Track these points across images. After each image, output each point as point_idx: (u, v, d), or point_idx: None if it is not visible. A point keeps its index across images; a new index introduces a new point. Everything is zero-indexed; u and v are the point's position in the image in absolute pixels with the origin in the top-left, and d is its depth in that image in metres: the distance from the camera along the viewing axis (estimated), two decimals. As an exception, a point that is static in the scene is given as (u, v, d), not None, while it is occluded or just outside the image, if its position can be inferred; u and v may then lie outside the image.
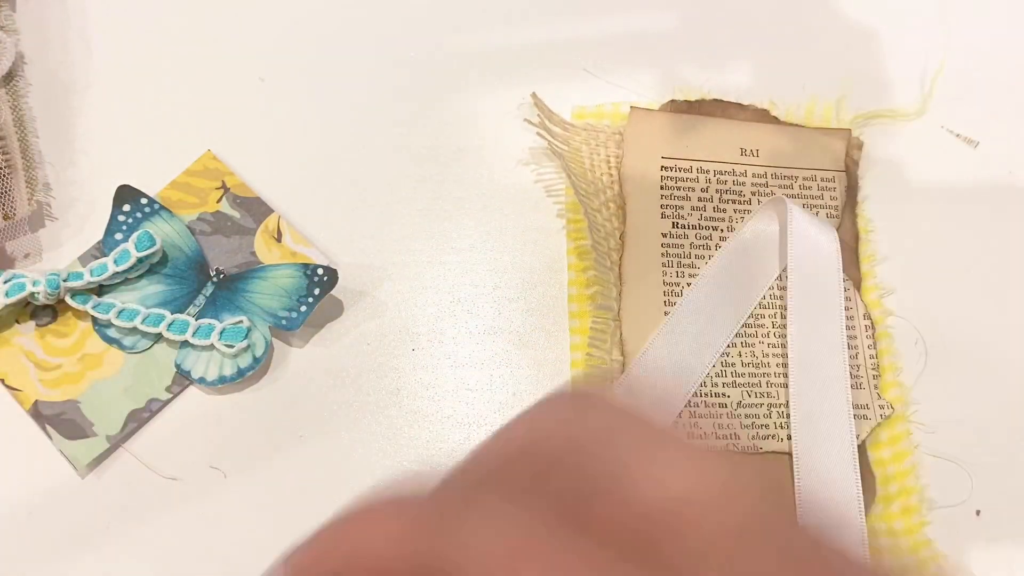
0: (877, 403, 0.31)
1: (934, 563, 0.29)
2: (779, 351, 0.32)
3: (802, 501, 0.29)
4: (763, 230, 0.34)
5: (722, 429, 0.31)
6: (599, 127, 0.36)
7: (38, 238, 0.36)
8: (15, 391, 0.33)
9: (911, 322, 0.33)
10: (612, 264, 0.33)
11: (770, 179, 0.35)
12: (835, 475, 0.29)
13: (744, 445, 0.28)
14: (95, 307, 0.34)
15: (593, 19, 0.40)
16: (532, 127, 0.35)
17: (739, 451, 0.30)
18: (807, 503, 0.29)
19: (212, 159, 0.37)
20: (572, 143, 0.36)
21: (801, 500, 0.29)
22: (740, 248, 0.34)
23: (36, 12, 0.40)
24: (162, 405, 0.33)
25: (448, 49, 0.39)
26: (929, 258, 0.34)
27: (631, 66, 0.38)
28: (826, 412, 0.31)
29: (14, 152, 0.36)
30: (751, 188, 0.34)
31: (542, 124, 0.35)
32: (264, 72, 0.39)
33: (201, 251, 0.35)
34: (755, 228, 0.34)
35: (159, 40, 0.40)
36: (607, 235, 0.34)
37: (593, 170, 0.35)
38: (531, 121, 0.35)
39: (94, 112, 0.39)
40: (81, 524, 0.32)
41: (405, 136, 0.38)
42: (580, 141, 0.36)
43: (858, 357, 0.32)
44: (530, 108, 0.35)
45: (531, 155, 0.37)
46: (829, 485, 0.29)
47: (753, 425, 0.31)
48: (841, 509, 0.29)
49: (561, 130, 0.36)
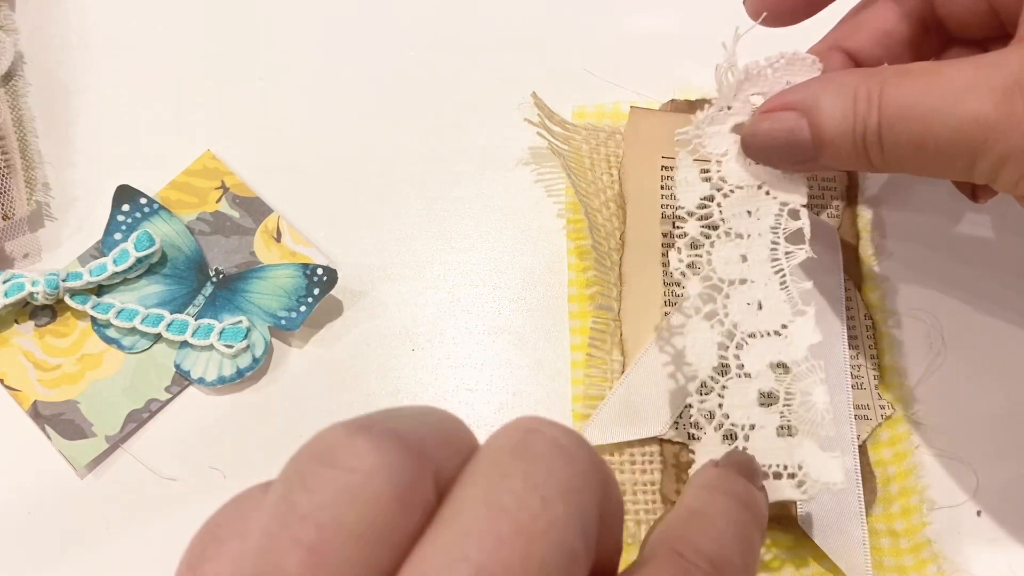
0: (878, 403, 0.31)
1: (934, 563, 0.29)
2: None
3: (802, 503, 0.29)
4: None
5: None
6: (599, 126, 0.36)
7: (37, 238, 0.36)
8: (14, 391, 0.33)
9: (912, 322, 0.33)
10: (612, 264, 0.33)
11: (770, 179, 0.34)
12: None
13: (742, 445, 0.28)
14: (94, 307, 0.34)
15: (593, 19, 0.40)
16: (532, 127, 0.35)
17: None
18: (807, 504, 0.29)
19: (212, 159, 0.37)
20: (572, 142, 0.36)
21: (801, 502, 0.29)
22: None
23: (36, 12, 0.40)
24: (161, 405, 0.33)
25: (448, 48, 0.39)
26: (930, 257, 0.34)
27: (631, 66, 0.38)
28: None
29: (13, 152, 0.36)
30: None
31: (542, 123, 0.35)
32: (264, 72, 0.39)
33: (200, 251, 0.35)
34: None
35: (159, 40, 0.40)
36: (607, 235, 0.34)
37: (593, 169, 0.35)
38: (531, 121, 0.35)
39: (94, 112, 0.39)
40: (80, 524, 0.32)
41: (405, 136, 0.38)
42: (580, 140, 0.36)
43: (859, 357, 0.32)
44: (530, 108, 0.35)
45: (531, 155, 0.37)
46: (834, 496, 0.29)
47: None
48: (842, 509, 0.29)
49: (561, 129, 0.36)
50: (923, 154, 0.24)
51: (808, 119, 0.26)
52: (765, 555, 0.30)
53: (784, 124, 0.26)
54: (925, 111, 0.23)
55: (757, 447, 0.27)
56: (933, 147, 0.24)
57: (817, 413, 0.26)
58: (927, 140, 0.23)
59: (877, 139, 0.24)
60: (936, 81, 0.24)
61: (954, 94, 0.23)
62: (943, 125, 0.23)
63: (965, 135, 0.23)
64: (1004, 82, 0.23)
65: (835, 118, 0.25)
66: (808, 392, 0.27)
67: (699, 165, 0.29)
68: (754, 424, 0.27)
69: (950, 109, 0.23)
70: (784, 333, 0.27)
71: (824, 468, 0.26)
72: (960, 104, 0.23)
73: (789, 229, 0.28)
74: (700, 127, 0.29)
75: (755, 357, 0.27)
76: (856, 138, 0.25)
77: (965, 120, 0.23)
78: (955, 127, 0.23)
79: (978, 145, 0.23)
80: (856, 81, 0.25)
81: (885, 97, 0.24)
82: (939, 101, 0.23)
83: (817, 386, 0.27)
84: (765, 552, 0.30)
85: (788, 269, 0.28)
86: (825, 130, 0.25)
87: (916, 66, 0.25)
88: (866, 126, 0.24)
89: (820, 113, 0.25)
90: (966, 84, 0.23)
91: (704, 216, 0.28)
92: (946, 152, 0.24)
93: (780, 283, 0.27)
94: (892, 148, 0.24)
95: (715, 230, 0.28)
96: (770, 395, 0.27)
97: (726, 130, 0.29)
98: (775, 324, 0.27)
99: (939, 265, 0.34)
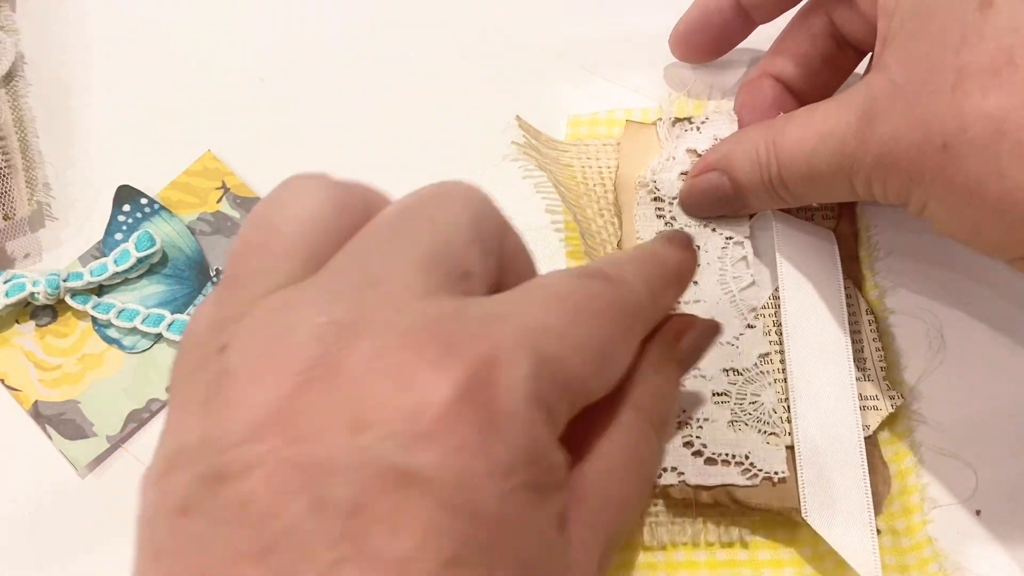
0: (887, 393, 0.31)
1: (936, 562, 0.29)
2: (779, 347, 0.32)
3: (806, 494, 0.29)
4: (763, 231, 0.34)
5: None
6: (589, 142, 0.36)
7: (38, 238, 0.36)
8: (15, 391, 0.33)
9: (912, 321, 0.33)
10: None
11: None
12: (843, 472, 0.29)
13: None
14: (95, 307, 0.34)
15: (593, 19, 0.40)
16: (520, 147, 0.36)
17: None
18: (812, 497, 0.29)
19: (212, 159, 0.37)
20: (563, 160, 0.36)
21: (805, 493, 0.29)
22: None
23: (36, 12, 0.40)
24: (162, 405, 0.33)
25: (447, 49, 0.39)
26: (930, 257, 0.34)
27: (631, 66, 0.38)
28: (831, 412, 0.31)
29: (14, 152, 0.36)
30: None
31: (528, 144, 0.36)
32: (264, 72, 0.39)
33: (201, 251, 0.35)
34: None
35: (159, 40, 0.40)
36: (602, 241, 0.34)
37: (586, 181, 0.35)
38: (518, 143, 0.36)
39: (94, 112, 0.39)
40: (81, 524, 0.32)
41: (404, 136, 0.38)
42: (571, 157, 0.36)
43: (864, 350, 0.32)
44: (532, 108, 0.35)
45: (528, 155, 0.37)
46: (837, 479, 0.29)
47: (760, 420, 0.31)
48: (850, 500, 0.29)
49: (550, 149, 0.36)
50: (817, 184, 0.29)
51: (728, 175, 0.31)
52: (764, 553, 0.30)
53: (710, 183, 0.32)
54: (807, 152, 0.28)
55: (708, 437, 0.30)
56: (820, 178, 0.29)
57: (766, 411, 0.30)
58: (815, 174, 0.29)
59: (780, 180, 0.30)
60: (811, 123, 0.29)
61: (824, 132, 0.28)
62: (820, 160, 0.28)
63: (837, 165, 0.28)
64: (855, 113, 0.27)
65: (746, 170, 0.31)
66: (757, 393, 0.31)
67: (655, 204, 0.34)
68: (707, 417, 0.30)
69: (822, 146, 0.28)
70: (736, 344, 0.31)
71: (768, 459, 0.30)
72: (828, 140, 0.28)
73: (735, 257, 0.33)
74: (655, 173, 0.34)
75: (710, 362, 0.31)
76: (765, 182, 0.30)
77: (833, 153, 0.28)
78: (828, 160, 0.28)
79: (846, 170, 0.27)
80: (757, 136, 0.30)
81: (778, 147, 0.29)
82: (815, 141, 0.28)
83: (766, 388, 0.31)
84: (764, 551, 0.30)
85: (736, 291, 0.32)
86: (741, 181, 0.31)
87: (799, 112, 0.29)
88: (770, 173, 0.30)
89: (734, 169, 0.31)
90: (832, 121, 0.28)
91: None
92: (829, 180, 0.28)
93: (730, 301, 0.32)
94: (793, 185, 0.30)
95: None
96: (723, 394, 0.31)
97: (673, 177, 0.34)
98: (728, 336, 0.32)
99: (939, 265, 0.34)
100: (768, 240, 0.33)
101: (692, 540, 0.30)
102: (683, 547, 0.30)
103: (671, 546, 0.30)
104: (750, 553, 0.30)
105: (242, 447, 0.17)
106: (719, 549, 0.30)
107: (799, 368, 0.31)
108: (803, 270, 0.32)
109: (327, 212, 0.20)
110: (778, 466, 0.29)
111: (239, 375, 0.17)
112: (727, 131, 0.34)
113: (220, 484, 0.16)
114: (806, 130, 0.29)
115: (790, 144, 0.29)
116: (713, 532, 0.30)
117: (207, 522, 0.16)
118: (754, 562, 0.30)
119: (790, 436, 0.30)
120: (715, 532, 0.30)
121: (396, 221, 0.20)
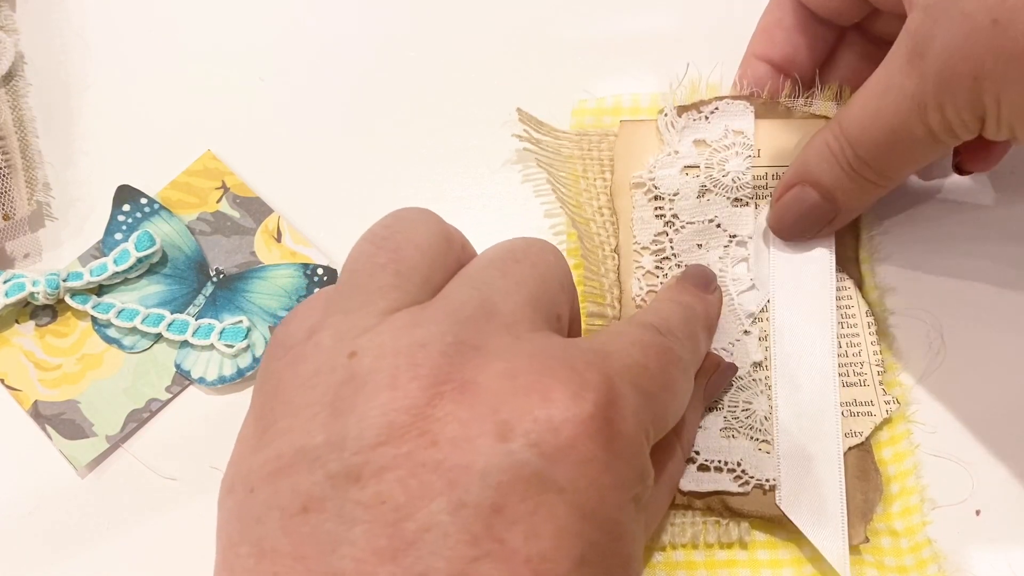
0: (883, 399, 0.31)
1: (935, 563, 0.29)
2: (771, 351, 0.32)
3: (784, 495, 0.29)
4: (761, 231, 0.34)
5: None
6: (590, 132, 0.36)
7: (38, 238, 0.36)
8: (15, 391, 0.33)
9: (911, 322, 0.33)
10: (605, 271, 0.33)
11: (770, 180, 0.34)
12: (821, 473, 0.30)
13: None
14: (95, 307, 0.34)
15: (592, 18, 0.40)
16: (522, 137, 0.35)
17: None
18: (789, 495, 0.29)
19: (212, 159, 0.37)
20: (564, 151, 0.36)
21: (783, 495, 0.29)
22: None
23: (36, 12, 0.40)
24: (162, 405, 0.33)
25: (448, 48, 0.39)
26: (929, 257, 0.34)
27: (630, 66, 0.38)
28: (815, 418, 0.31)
29: (14, 152, 0.36)
30: (751, 191, 0.34)
31: (529, 137, 0.36)
32: (264, 72, 0.39)
33: (201, 251, 0.35)
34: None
35: (159, 40, 0.40)
36: (601, 243, 0.34)
37: (586, 175, 0.35)
38: (519, 136, 0.36)
39: (94, 112, 0.39)
40: (81, 524, 0.32)
41: (405, 136, 0.38)
42: (572, 146, 0.36)
43: (861, 355, 0.32)
44: (531, 108, 0.35)
45: (527, 155, 0.37)
46: (815, 485, 0.29)
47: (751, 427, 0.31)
48: (825, 500, 0.29)
49: (551, 139, 0.36)
50: (895, 146, 0.28)
51: (809, 183, 0.31)
52: (763, 553, 0.30)
53: (795, 198, 0.31)
54: (872, 115, 0.28)
55: (701, 444, 0.30)
56: (896, 136, 0.28)
57: (757, 419, 0.30)
58: (889, 133, 0.28)
59: (859, 160, 0.29)
60: (866, 91, 0.28)
61: (881, 90, 0.28)
62: (888, 116, 0.28)
63: (906, 111, 0.27)
64: (904, 57, 0.27)
65: (824, 168, 0.30)
66: (749, 401, 0.31)
67: (653, 204, 0.33)
68: (700, 425, 0.30)
69: (885, 102, 0.28)
70: (730, 350, 0.31)
71: (759, 466, 0.30)
72: (888, 94, 0.28)
73: (736, 258, 0.33)
74: (652, 170, 0.33)
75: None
76: (847, 171, 0.30)
77: (898, 101, 0.27)
78: (896, 111, 0.27)
79: (917, 112, 0.27)
80: (820, 134, 0.30)
81: (845, 128, 0.29)
82: (876, 101, 0.28)
83: (758, 396, 0.31)
84: (762, 550, 0.30)
85: (735, 294, 0.32)
86: (824, 182, 0.30)
87: (854, 96, 0.29)
88: (847, 157, 0.29)
89: (813, 174, 0.30)
90: (885, 77, 0.28)
91: (657, 251, 0.33)
92: (906, 135, 0.28)
93: (727, 305, 0.32)
94: (874, 159, 0.29)
95: (668, 261, 0.33)
96: (716, 401, 0.31)
97: (676, 172, 0.33)
98: (723, 342, 0.31)
99: (939, 265, 0.34)
100: (768, 240, 0.33)
101: (691, 541, 0.30)
102: (682, 547, 0.30)
103: (670, 547, 0.30)
104: (749, 553, 0.30)
105: (377, 450, 0.18)
106: (718, 549, 0.30)
107: (784, 376, 0.31)
108: (796, 277, 0.32)
109: (441, 244, 0.23)
110: (769, 473, 0.30)
111: (371, 382, 0.19)
112: (741, 121, 0.34)
113: (353, 484, 0.17)
114: (865, 98, 0.28)
115: (854, 117, 0.29)
116: (712, 532, 0.30)
117: (336, 521, 0.17)
118: (753, 562, 0.30)
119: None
120: (714, 532, 0.30)
121: (501, 263, 0.23)
